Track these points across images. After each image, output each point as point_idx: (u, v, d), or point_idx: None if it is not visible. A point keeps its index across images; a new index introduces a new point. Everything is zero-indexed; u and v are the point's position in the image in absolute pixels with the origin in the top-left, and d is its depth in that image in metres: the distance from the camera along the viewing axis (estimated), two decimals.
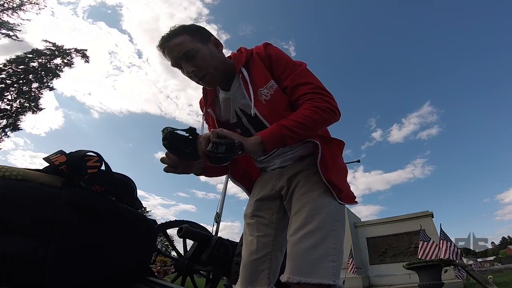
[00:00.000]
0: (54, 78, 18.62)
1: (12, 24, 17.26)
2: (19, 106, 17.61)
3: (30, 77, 17.73)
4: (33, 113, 18.14)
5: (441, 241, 6.40)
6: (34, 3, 17.96)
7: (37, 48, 18.18)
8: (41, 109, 18.35)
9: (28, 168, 1.03)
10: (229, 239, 2.22)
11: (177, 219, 2.62)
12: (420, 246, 6.99)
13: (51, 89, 18.88)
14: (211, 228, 6.12)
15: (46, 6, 18.55)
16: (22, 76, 17.48)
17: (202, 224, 2.58)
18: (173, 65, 0.98)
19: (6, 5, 17.00)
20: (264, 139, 0.84)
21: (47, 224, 0.92)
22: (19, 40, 17.62)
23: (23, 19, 17.57)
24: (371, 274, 9.63)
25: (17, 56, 17.38)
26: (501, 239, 71.03)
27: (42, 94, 18.40)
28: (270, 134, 0.85)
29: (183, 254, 2.36)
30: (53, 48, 18.62)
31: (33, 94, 17.98)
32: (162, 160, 0.89)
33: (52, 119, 46.36)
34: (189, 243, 2.29)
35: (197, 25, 1.01)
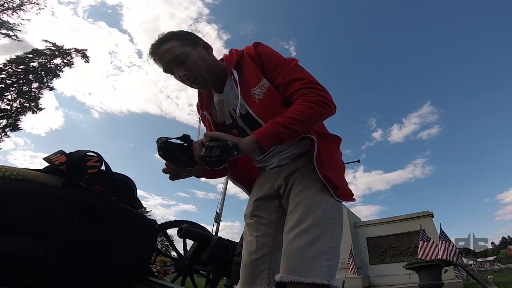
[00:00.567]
0: (54, 78, 18.64)
1: (12, 24, 17.28)
2: (19, 106, 17.61)
3: (30, 77, 17.73)
4: (33, 113, 18.14)
5: (440, 241, 6.39)
6: (34, 3, 17.97)
7: (37, 48, 18.20)
8: (41, 109, 18.37)
9: (28, 168, 1.04)
10: (229, 239, 2.22)
11: (177, 219, 2.62)
12: (420, 246, 6.98)
13: (51, 89, 18.90)
14: (211, 228, 6.14)
15: (46, 6, 18.58)
16: (22, 76, 17.47)
17: (202, 224, 2.58)
18: (165, 71, 0.99)
19: (6, 5, 17.00)
20: (259, 137, 0.84)
21: (47, 224, 0.92)
22: (19, 40, 17.65)
23: (23, 19, 17.60)
24: (371, 274, 9.62)
25: (17, 56, 17.39)
26: (501, 239, 71.05)
27: (42, 94, 18.42)
28: (264, 133, 0.85)
29: (183, 254, 2.36)
30: (53, 48, 18.62)
31: (33, 94, 17.97)
32: (164, 171, 0.94)
33: (52, 119, 46.55)
34: (189, 243, 2.29)
35: (185, 31, 1.02)
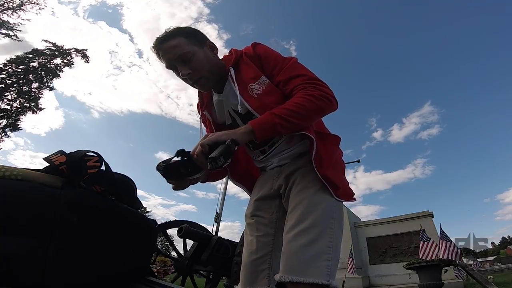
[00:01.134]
0: (54, 78, 18.63)
1: (12, 24, 17.27)
2: (19, 106, 17.60)
3: (30, 77, 17.72)
4: (33, 113, 18.14)
5: (440, 241, 6.39)
6: (34, 3, 17.97)
7: (37, 48, 18.20)
8: (41, 109, 18.37)
9: (28, 168, 1.03)
10: (229, 239, 2.22)
11: (177, 219, 2.62)
12: (420, 246, 6.99)
13: (51, 89, 18.90)
14: (211, 228, 6.13)
15: (46, 6, 18.57)
16: (22, 76, 17.47)
17: (202, 224, 2.58)
18: (168, 67, 0.98)
19: (6, 5, 17.00)
20: (254, 127, 0.83)
21: (47, 224, 0.92)
22: (19, 40, 17.65)
23: (23, 19, 17.60)
24: (371, 274, 9.62)
25: (17, 56, 17.38)
26: (501, 239, 71.05)
27: (42, 94, 18.42)
28: (260, 122, 0.84)
29: (183, 254, 2.36)
30: (53, 48, 18.61)
31: (33, 94, 17.97)
32: (174, 188, 0.92)
33: (52, 119, 46.54)
34: (189, 243, 2.29)
35: (193, 28, 1.01)
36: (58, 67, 18.76)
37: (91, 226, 1.05)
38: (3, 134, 17.34)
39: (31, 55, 17.83)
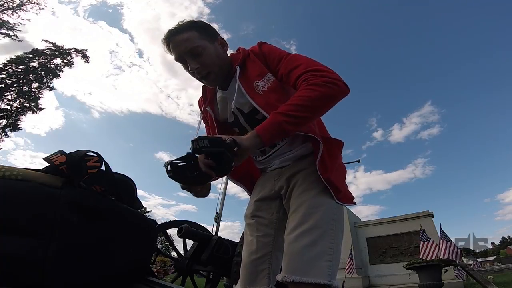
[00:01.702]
0: (54, 78, 18.64)
1: (12, 24, 17.28)
2: (19, 106, 17.61)
3: (30, 77, 17.73)
4: (33, 113, 18.15)
5: (441, 241, 6.39)
6: (34, 3, 17.97)
7: (37, 48, 18.21)
8: (41, 109, 18.38)
9: (28, 168, 1.03)
10: (229, 239, 2.22)
11: (177, 219, 2.62)
12: (421, 246, 6.98)
13: (51, 89, 18.91)
14: (211, 228, 6.13)
15: (46, 6, 18.57)
16: (22, 76, 17.48)
17: (202, 224, 2.58)
18: (177, 59, 0.98)
19: (6, 5, 17.00)
20: (259, 131, 0.81)
21: (47, 224, 0.92)
22: (19, 40, 17.65)
23: (23, 19, 17.60)
24: (371, 274, 9.62)
25: (17, 56, 17.39)
26: (501, 239, 71.05)
27: (42, 94, 18.43)
28: (264, 125, 0.82)
29: (183, 254, 2.36)
30: (53, 48, 18.62)
31: (33, 94, 17.98)
32: (182, 188, 0.91)
33: (53, 119, 46.47)
34: (189, 243, 2.29)
35: (205, 22, 1.01)
36: (58, 67, 18.76)
37: (91, 226, 1.05)
38: (3, 134, 17.36)
39: (31, 55, 17.83)
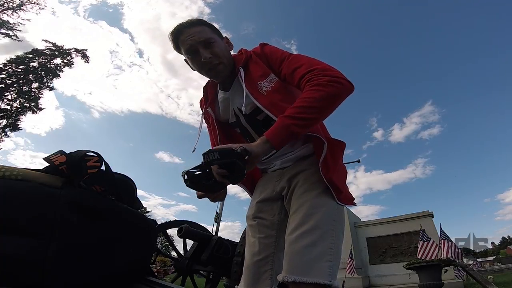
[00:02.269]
0: (54, 78, 18.65)
1: (12, 24, 17.28)
2: (19, 106, 17.62)
3: (30, 77, 17.74)
4: (33, 113, 18.16)
5: (441, 241, 6.40)
6: (34, 3, 17.97)
7: (37, 48, 18.21)
8: (41, 109, 18.39)
9: (28, 168, 1.03)
10: (229, 239, 2.22)
11: (177, 219, 2.62)
12: (420, 246, 6.98)
13: (51, 89, 18.92)
14: (211, 228, 6.14)
15: (46, 6, 18.56)
16: (22, 76, 17.48)
17: (202, 224, 2.57)
18: (188, 50, 0.98)
19: (6, 5, 17.00)
20: (269, 137, 0.81)
21: (47, 224, 0.92)
22: (19, 40, 17.65)
23: (23, 19, 17.60)
24: (371, 274, 9.62)
25: (17, 56, 17.40)
26: (501, 239, 71.06)
27: (42, 94, 18.44)
28: (272, 129, 0.83)
29: (183, 254, 2.36)
30: (53, 48, 18.62)
31: (33, 94, 17.98)
32: (198, 196, 0.96)
33: (53, 119, 46.59)
34: (189, 243, 2.29)
35: (212, 24, 1.05)
36: (58, 67, 18.77)
37: (91, 226, 1.05)
38: (3, 134, 17.36)
39: (31, 55, 17.84)
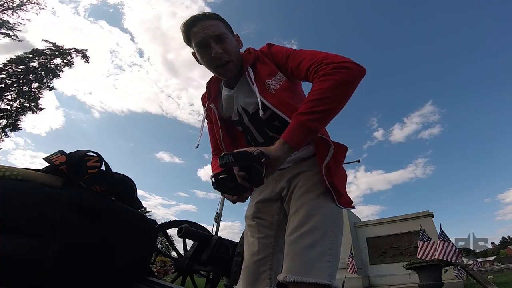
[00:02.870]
0: (54, 78, 18.65)
1: (12, 24, 17.27)
2: (19, 106, 17.61)
3: (30, 77, 17.73)
4: (33, 113, 18.15)
5: (439, 241, 6.38)
6: (34, 3, 17.96)
7: (37, 48, 18.20)
8: (41, 109, 18.38)
9: (28, 168, 1.04)
10: (229, 239, 2.22)
11: (177, 219, 2.62)
12: (419, 246, 6.98)
13: (51, 89, 18.91)
14: (211, 228, 6.14)
15: (46, 6, 18.54)
16: (22, 76, 17.48)
17: (202, 224, 2.58)
18: (199, 42, 0.98)
19: (6, 5, 17.00)
20: (286, 138, 0.81)
21: (47, 224, 0.92)
22: (19, 40, 17.64)
23: (23, 19, 17.59)
24: (371, 274, 9.62)
25: (17, 56, 17.39)
26: (501, 239, 71.06)
27: (42, 94, 18.43)
28: (288, 130, 0.82)
29: (183, 254, 2.36)
30: (53, 48, 18.62)
31: (33, 94, 17.98)
32: (231, 201, 1.05)
33: (53, 119, 46.57)
34: (189, 243, 2.30)
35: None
36: (58, 67, 18.76)
37: (91, 226, 1.05)
38: (3, 134, 17.36)
39: (31, 55, 17.83)
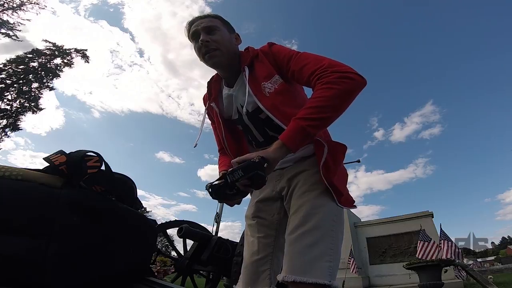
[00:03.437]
0: (54, 78, 18.64)
1: (12, 24, 17.27)
2: (19, 106, 17.61)
3: (30, 77, 17.72)
4: (33, 113, 18.15)
5: (441, 241, 6.40)
6: (34, 3, 17.96)
7: (37, 48, 18.20)
8: (41, 109, 18.37)
9: (28, 168, 1.03)
10: (229, 239, 2.22)
11: (177, 219, 2.62)
12: (419, 246, 6.98)
13: (51, 89, 18.91)
14: (211, 228, 6.13)
15: (46, 6, 18.54)
16: (22, 76, 17.47)
17: (202, 224, 2.58)
18: (191, 36, 1.05)
19: (6, 5, 17.00)
20: (284, 140, 0.81)
21: (47, 224, 0.92)
22: (19, 40, 17.64)
23: (23, 19, 17.59)
24: (371, 274, 9.62)
25: (17, 56, 17.39)
26: (501, 239, 71.03)
27: (42, 94, 18.42)
28: (288, 133, 0.83)
29: (183, 254, 2.36)
30: (53, 48, 18.61)
31: (33, 94, 17.97)
32: (232, 205, 1.07)
33: (53, 119, 46.67)
34: (189, 243, 2.30)
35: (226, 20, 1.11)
36: (58, 67, 18.75)
37: (91, 226, 1.05)
38: (3, 134, 17.35)
39: (31, 55, 17.83)
